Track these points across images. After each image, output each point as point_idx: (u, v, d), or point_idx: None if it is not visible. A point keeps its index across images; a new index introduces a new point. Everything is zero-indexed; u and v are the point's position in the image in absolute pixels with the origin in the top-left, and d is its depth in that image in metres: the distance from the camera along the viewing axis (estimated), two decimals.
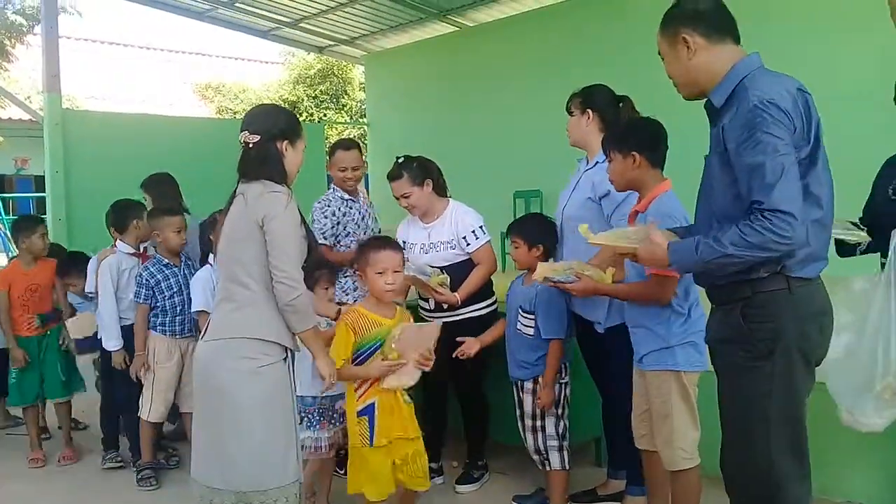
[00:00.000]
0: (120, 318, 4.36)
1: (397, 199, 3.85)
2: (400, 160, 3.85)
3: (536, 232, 3.51)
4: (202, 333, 2.87)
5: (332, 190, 4.31)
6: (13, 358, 4.72)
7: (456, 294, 3.72)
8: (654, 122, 3.07)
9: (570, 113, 3.51)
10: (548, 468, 3.49)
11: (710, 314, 2.43)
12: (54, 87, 8.53)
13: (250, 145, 2.78)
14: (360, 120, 16.39)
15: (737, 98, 2.23)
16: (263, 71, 21.90)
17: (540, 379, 3.46)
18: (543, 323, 3.43)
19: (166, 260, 4.29)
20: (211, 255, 3.85)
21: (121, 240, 4.51)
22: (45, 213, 8.79)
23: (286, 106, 11.37)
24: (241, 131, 2.81)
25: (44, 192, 9.25)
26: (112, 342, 4.34)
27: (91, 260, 4.68)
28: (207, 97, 20.77)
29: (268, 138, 2.79)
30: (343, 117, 19.03)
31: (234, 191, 2.84)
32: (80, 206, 8.41)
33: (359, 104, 19.08)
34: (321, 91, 19.06)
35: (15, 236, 4.98)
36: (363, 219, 4.29)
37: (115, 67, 19.90)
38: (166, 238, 4.24)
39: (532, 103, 9.48)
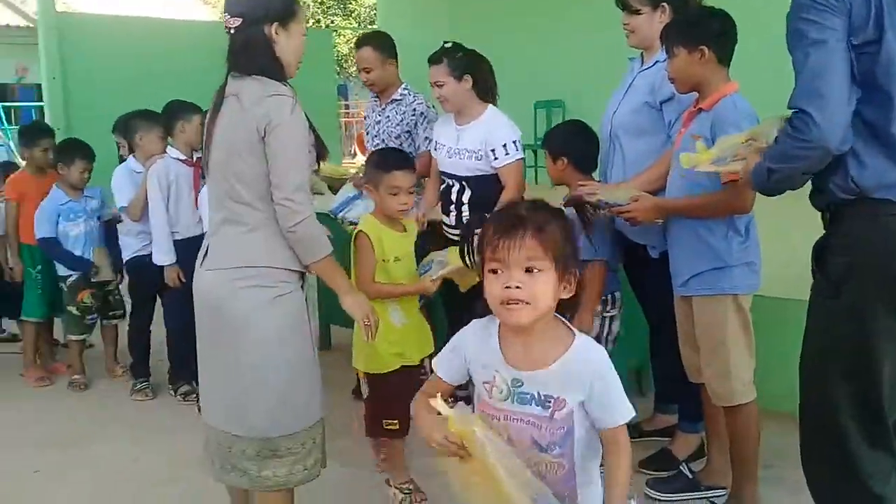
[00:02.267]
0: (172, 232, 4.03)
1: (433, 86, 3.48)
2: (447, 45, 3.48)
3: (559, 142, 3.15)
4: (200, 260, 2.45)
5: None
6: (14, 272, 4.50)
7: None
8: (723, 14, 2.69)
9: (633, 10, 3.02)
10: None
11: None
12: None
13: (232, 31, 2.33)
14: (371, 27, 15.75)
15: None
16: None
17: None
18: (585, 241, 3.08)
19: None
20: None
21: (170, 145, 4.13)
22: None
23: None
24: (223, 13, 2.36)
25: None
26: (165, 256, 4.01)
27: (117, 169, 4.32)
28: (209, 1, 20.11)
29: (251, 21, 2.31)
30: (351, 24, 18.40)
31: (223, 89, 2.37)
32: (79, 114, 7.97)
33: (368, 10, 18.41)
34: None
35: (20, 145, 4.71)
36: (377, 124, 4.07)
37: None
38: None
39: (552, 6, 8.90)
